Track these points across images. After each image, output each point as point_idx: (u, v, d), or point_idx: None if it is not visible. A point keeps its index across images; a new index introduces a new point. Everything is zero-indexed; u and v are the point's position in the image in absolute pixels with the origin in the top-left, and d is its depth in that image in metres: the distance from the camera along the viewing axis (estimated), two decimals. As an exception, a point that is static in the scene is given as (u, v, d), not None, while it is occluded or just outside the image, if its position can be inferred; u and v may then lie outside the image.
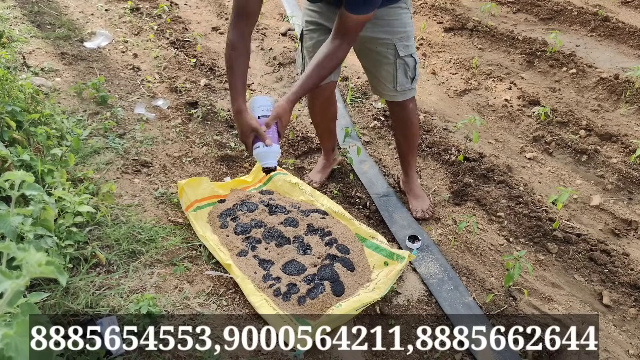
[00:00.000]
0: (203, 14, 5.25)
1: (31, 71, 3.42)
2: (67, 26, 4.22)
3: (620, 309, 2.27)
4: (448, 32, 5.03)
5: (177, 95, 3.57)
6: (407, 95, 2.53)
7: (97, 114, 3.15)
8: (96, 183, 2.48)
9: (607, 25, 4.91)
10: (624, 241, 2.68)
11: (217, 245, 2.27)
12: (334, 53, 2.14)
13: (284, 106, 2.08)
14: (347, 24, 2.11)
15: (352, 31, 2.13)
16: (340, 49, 2.14)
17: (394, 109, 2.64)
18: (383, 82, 2.51)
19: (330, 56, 2.14)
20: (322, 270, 2.14)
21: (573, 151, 3.32)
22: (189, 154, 2.96)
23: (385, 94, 2.54)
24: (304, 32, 2.54)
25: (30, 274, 0.79)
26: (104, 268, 2.06)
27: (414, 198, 2.76)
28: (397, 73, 2.46)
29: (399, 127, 2.74)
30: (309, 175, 2.90)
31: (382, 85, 2.52)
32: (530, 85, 4.09)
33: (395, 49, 2.41)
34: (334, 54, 2.14)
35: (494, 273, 2.40)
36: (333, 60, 2.15)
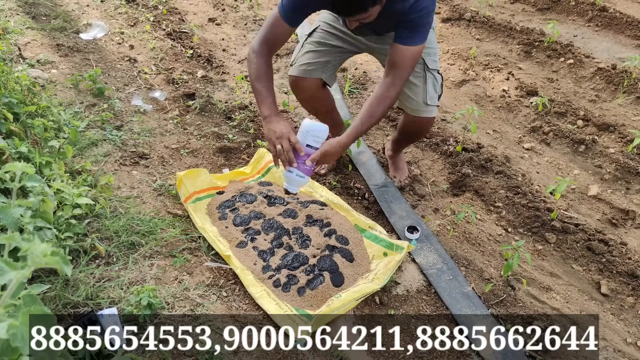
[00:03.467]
0: (199, 5, 5.22)
1: (27, 63, 3.40)
2: (63, 17, 4.19)
3: (618, 298, 2.29)
4: (446, 23, 5.02)
5: (174, 86, 3.55)
6: (432, 112, 2.49)
7: (94, 105, 3.14)
8: (94, 175, 2.47)
9: (605, 15, 4.90)
10: (622, 231, 2.69)
11: (217, 237, 2.27)
12: (386, 94, 2.12)
13: (335, 147, 2.07)
14: (402, 57, 2.10)
15: (406, 65, 2.12)
16: (393, 87, 2.13)
17: (413, 124, 2.57)
18: (412, 96, 2.44)
19: (380, 98, 2.12)
20: (322, 261, 2.14)
21: (571, 141, 3.33)
22: (187, 145, 2.96)
23: (413, 108, 2.47)
24: (317, 29, 2.50)
25: (35, 265, 0.79)
26: (103, 260, 2.06)
27: (395, 169, 2.85)
28: (427, 86, 2.42)
29: (409, 137, 2.76)
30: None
31: (410, 99, 2.45)
32: (528, 76, 4.09)
33: (424, 62, 2.39)
34: (385, 96, 2.12)
35: (492, 263, 2.41)
36: (383, 102, 2.12)
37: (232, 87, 3.70)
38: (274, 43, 2.20)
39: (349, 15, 1.99)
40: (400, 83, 2.16)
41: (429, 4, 2.06)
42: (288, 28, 2.16)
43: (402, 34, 2.10)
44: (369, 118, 2.15)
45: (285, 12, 2.13)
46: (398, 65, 2.13)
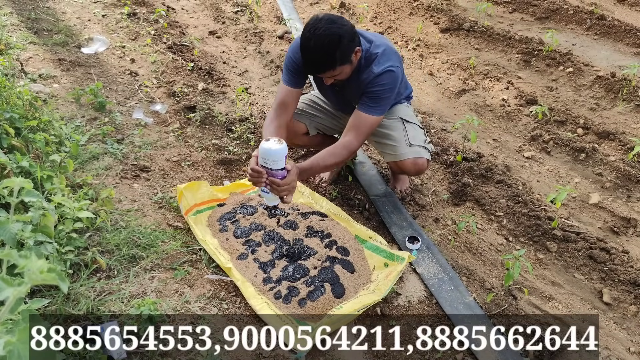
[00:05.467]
0: (200, 18, 5.26)
1: (29, 78, 3.42)
2: (65, 32, 4.22)
3: (621, 307, 2.28)
4: (445, 33, 5.04)
5: (175, 99, 3.57)
6: (420, 152, 2.51)
7: (95, 119, 3.15)
8: (95, 188, 2.48)
9: (603, 23, 4.93)
10: (623, 239, 2.68)
11: (217, 249, 2.27)
12: (339, 151, 2.30)
13: (295, 172, 2.14)
14: (360, 123, 2.29)
15: (362, 132, 2.30)
16: (347, 148, 2.30)
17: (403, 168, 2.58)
18: (393, 144, 2.52)
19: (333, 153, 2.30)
20: (323, 272, 2.14)
21: (571, 150, 3.33)
22: (187, 158, 2.97)
23: (397, 153, 2.51)
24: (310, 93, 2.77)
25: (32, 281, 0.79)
26: (104, 273, 2.06)
27: (395, 179, 2.89)
28: (407, 133, 2.53)
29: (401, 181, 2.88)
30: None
31: (392, 146, 2.52)
32: (528, 85, 4.10)
33: (401, 120, 2.55)
34: (338, 152, 2.30)
35: (494, 272, 2.40)
36: (335, 157, 2.30)
37: (233, 99, 3.72)
38: (284, 106, 2.38)
39: (319, 73, 2.23)
40: (354, 145, 2.31)
41: (390, 82, 2.26)
42: (290, 90, 2.38)
43: (364, 102, 2.30)
44: (324, 162, 2.29)
45: (283, 76, 2.40)
46: (355, 129, 2.30)
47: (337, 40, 2.07)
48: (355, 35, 2.17)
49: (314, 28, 2.07)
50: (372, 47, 2.29)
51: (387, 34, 5.09)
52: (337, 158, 2.31)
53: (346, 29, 2.10)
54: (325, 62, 2.12)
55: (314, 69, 2.22)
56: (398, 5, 5.57)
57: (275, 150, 2.04)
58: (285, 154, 2.07)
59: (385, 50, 2.28)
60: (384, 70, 2.24)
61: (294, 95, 2.41)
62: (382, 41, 2.33)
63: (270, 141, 2.05)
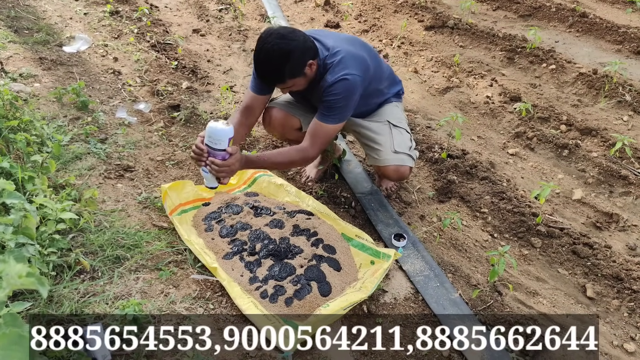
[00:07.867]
0: (184, 16, 5.22)
1: (9, 77, 3.37)
2: (46, 31, 4.16)
3: (604, 301, 2.30)
4: (429, 31, 5.06)
5: (158, 98, 3.54)
6: (404, 160, 2.52)
7: (78, 119, 3.11)
8: (78, 189, 2.45)
9: (585, 21, 4.98)
10: (606, 234, 2.72)
11: (203, 249, 2.26)
12: (293, 154, 2.34)
13: (237, 157, 2.15)
14: (316, 131, 2.30)
15: (318, 141, 2.31)
16: (301, 153, 2.32)
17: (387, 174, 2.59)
18: (378, 148, 2.52)
19: (288, 154, 2.35)
20: (309, 271, 2.14)
21: (554, 146, 3.36)
22: (172, 157, 2.94)
23: (382, 158, 2.51)
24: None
25: (10, 286, 0.78)
26: (88, 275, 2.04)
27: (382, 178, 2.87)
28: (393, 138, 2.52)
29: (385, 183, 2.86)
30: (306, 170, 2.93)
31: (377, 151, 2.53)
32: (511, 82, 4.13)
33: (389, 123, 2.55)
34: (292, 155, 2.34)
35: (479, 269, 2.42)
36: (289, 157, 2.34)
37: (217, 97, 3.69)
38: (249, 110, 2.42)
39: (270, 85, 2.35)
40: (309, 153, 2.32)
41: (343, 90, 2.24)
42: (255, 97, 2.41)
43: (320, 110, 2.31)
44: (273, 159, 2.31)
45: (251, 82, 2.42)
46: (312, 137, 2.31)
47: (286, 55, 2.11)
48: (309, 49, 2.19)
49: (264, 42, 2.12)
50: (329, 55, 2.28)
51: (372, 32, 5.09)
52: (287, 159, 2.34)
53: (296, 44, 2.12)
54: (275, 76, 2.19)
55: (265, 81, 2.30)
56: (382, 3, 5.57)
57: (219, 129, 2.07)
58: (229, 136, 2.09)
59: (343, 58, 2.26)
60: (337, 80, 2.23)
61: (260, 101, 2.44)
62: (343, 47, 2.30)
63: (218, 122, 2.08)
